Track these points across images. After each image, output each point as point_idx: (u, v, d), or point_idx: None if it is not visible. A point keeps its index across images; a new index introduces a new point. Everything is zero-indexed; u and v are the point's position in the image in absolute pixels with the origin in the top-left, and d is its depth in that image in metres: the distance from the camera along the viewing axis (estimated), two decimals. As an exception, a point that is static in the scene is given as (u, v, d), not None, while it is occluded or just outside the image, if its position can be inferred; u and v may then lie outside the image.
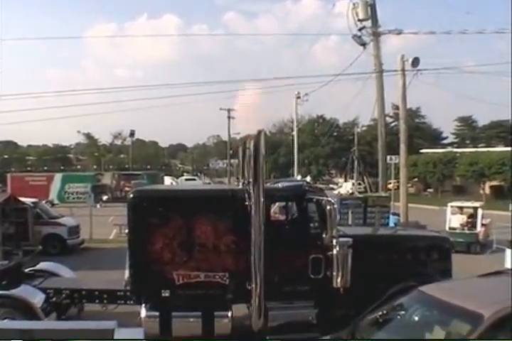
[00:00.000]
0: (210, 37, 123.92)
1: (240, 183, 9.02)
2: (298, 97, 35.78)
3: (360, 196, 22.33)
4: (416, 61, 20.35)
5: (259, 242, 7.37)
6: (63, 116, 62.39)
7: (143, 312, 7.96)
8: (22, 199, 15.65)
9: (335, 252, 7.73)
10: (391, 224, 18.06)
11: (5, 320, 7.55)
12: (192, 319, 7.89)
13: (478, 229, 18.26)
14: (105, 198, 38.40)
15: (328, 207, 7.97)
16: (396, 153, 22.96)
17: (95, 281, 9.73)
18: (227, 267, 7.98)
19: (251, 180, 7.63)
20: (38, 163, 72.02)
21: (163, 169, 70.71)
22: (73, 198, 38.54)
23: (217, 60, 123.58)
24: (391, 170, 24.86)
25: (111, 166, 68.14)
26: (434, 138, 68.33)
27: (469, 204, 19.78)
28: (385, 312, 5.10)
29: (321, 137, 65.44)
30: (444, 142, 69.63)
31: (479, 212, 18.64)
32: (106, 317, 7.64)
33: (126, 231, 8.42)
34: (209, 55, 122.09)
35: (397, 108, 30.91)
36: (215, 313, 7.87)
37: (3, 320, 7.55)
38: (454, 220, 18.86)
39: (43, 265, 10.08)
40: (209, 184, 48.33)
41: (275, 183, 9.62)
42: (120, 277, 8.72)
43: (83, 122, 62.74)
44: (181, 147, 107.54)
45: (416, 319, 4.90)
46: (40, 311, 8.12)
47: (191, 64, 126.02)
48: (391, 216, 18.89)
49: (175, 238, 7.98)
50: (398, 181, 24.18)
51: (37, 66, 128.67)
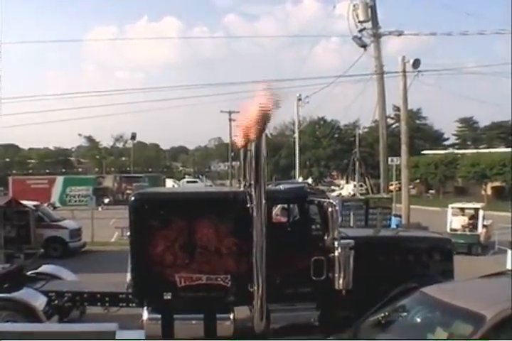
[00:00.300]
0: (211, 39, 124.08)
1: (242, 185, 9.01)
2: (299, 99, 35.82)
3: (361, 198, 22.26)
4: (417, 62, 20.36)
5: (260, 244, 7.34)
6: (64, 118, 62.45)
7: (145, 314, 7.95)
8: (24, 202, 15.61)
9: (337, 254, 7.71)
10: (393, 226, 18.00)
11: (7, 323, 7.54)
12: (194, 321, 7.87)
13: (479, 231, 18.20)
14: (107, 201, 38.51)
15: (329, 209, 7.97)
16: (397, 155, 22.94)
17: (97, 284, 9.70)
18: (228, 269, 7.96)
19: (252, 182, 7.59)
20: (40, 166, 71.92)
21: (164, 171, 70.63)
22: (75, 201, 38.67)
23: (217, 63, 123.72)
24: (392, 172, 24.83)
25: (112, 169, 67.92)
26: (436, 139, 68.35)
27: (470, 205, 19.70)
28: (387, 313, 5.10)
29: (323, 139, 65.60)
30: (446, 143, 69.70)
31: (480, 213, 18.59)
32: (108, 319, 7.61)
33: (127, 233, 8.42)
34: (210, 58, 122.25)
35: (398, 109, 30.98)
36: (217, 315, 7.86)
37: (4, 323, 7.54)
38: (455, 221, 18.78)
39: (45, 268, 10.08)
40: (210, 186, 48.30)
41: (277, 185, 9.59)
42: (122, 280, 8.72)
43: (84, 125, 62.98)
44: (183, 149, 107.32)
45: (418, 320, 4.91)
46: (42, 314, 8.11)
47: (192, 66, 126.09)
48: (393, 217, 18.82)
49: (177, 240, 7.96)
50: (400, 182, 24.11)
51: (38, 69, 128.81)
